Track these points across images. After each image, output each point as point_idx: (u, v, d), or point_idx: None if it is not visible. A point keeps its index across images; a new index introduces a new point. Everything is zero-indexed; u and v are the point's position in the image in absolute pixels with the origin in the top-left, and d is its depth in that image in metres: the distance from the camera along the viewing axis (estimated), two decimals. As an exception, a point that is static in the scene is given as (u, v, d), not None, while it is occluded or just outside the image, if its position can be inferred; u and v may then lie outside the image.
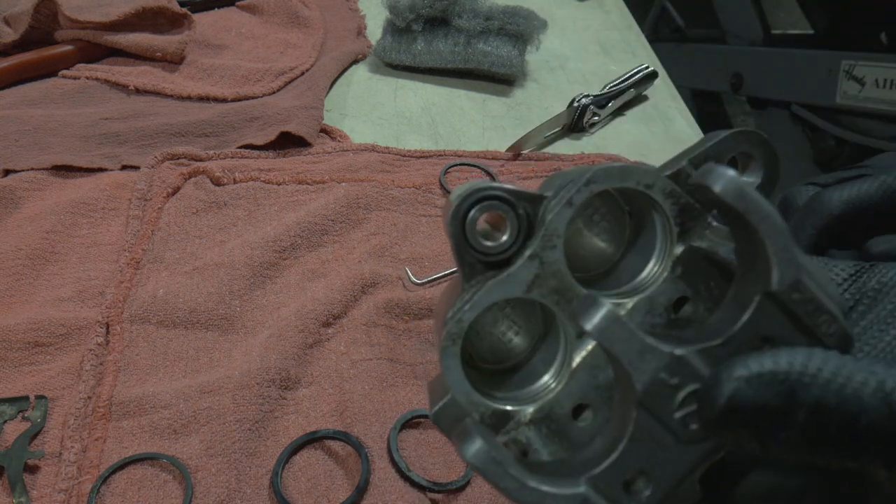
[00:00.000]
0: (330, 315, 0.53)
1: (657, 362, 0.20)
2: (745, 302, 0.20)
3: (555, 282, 0.24)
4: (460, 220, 0.23)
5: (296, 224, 0.59)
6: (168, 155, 0.66)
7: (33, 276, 0.55)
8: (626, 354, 0.20)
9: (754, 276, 0.20)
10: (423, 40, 0.82)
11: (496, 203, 0.23)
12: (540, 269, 0.23)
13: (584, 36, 0.98)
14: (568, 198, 0.23)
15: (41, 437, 0.44)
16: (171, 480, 0.43)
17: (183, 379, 0.49)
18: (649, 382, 0.20)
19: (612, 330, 0.20)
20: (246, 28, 0.88)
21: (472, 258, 0.24)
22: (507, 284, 0.23)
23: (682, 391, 0.20)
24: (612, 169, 0.23)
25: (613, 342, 0.20)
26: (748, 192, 0.20)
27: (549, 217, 0.23)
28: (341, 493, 0.43)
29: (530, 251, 0.23)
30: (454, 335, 0.23)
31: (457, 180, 0.68)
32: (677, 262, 0.25)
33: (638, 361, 0.20)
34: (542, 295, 0.24)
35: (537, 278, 0.24)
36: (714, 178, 0.20)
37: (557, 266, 0.24)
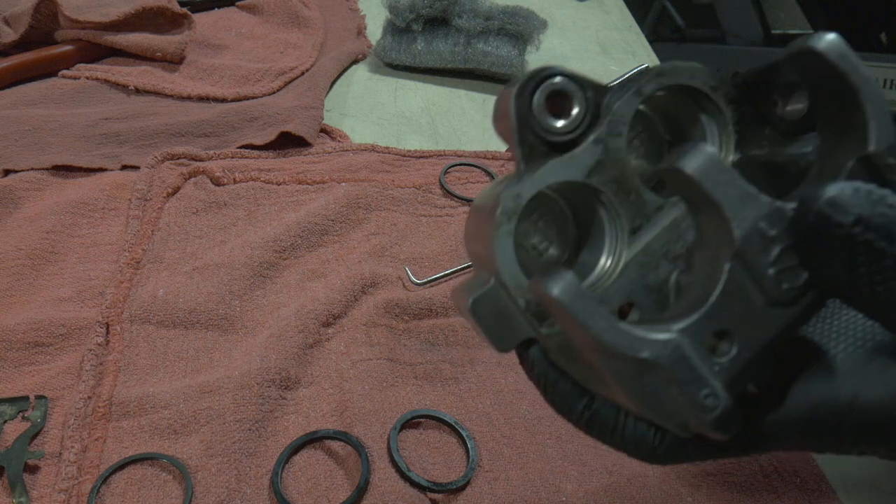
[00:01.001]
0: (330, 315, 0.53)
1: (758, 210, 0.19)
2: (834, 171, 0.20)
3: (616, 170, 0.23)
4: (528, 95, 0.22)
5: (296, 224, 0.59)
6: (168, 155, 0.66)
7: (33, 276, 0.55)
8: (728, 199, 0.19)
9: (846, 142, 0.20)
10: (423, 40, 0.82)
11: (566, 82, 0.22)
12: (603, 154, 0.23)
13: (584, 36, 0.98)
14: (637, 87, 0.23)
15: (41, 437, 0.44)
16: (171, 480, 0.43)
17: (183, 379, 0.49)
18: (749, 230, 0.19)
19: (714, 172, 0.19)
20: (246, 28, 0.88)
21: (534, 137, 0.23)
22: (569, 165, 0.23)
23: (778, 245, 0.20)
24: (681, 66, 0.23)
25: (715, 185, 0.19)
26: (851, 54, 0.19)
27: (617, 104, 0.22)
28: (341, 493, 0.43)
29: (595, 135, 0.23)
30: (510, 211, 0.22)
31: (457, 180, 0.68)
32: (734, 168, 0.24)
33: (739, 207, 0.19)
34: (601, 182, 0.23)
35: (599, 164, 0.23)
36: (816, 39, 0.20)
37: (621, 154, 0.23)
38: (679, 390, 0.20)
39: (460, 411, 0.48)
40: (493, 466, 0.45)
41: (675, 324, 0.20)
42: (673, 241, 0.23)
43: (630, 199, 0.23)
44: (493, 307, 0.22)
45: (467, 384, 0.50)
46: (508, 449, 0.46)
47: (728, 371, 0.20)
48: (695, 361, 0.20)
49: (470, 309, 0.23)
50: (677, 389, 0.20)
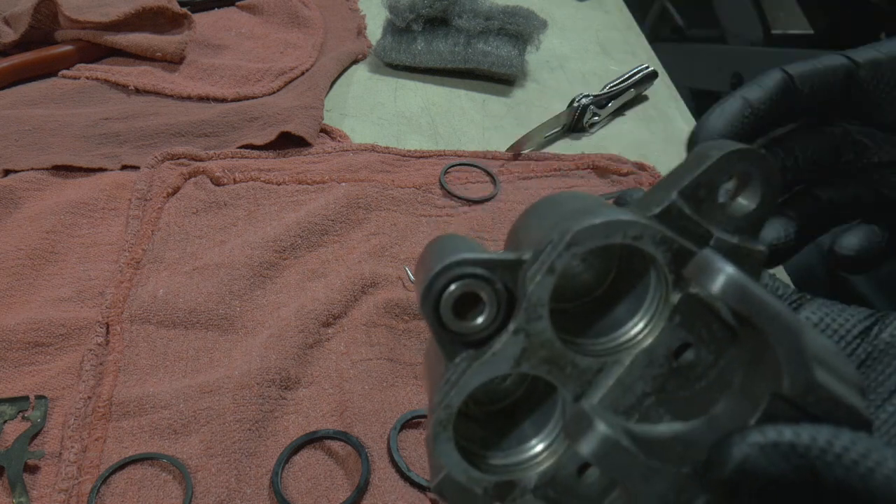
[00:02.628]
0: (330, 315, 0.53)
1: (663, 483, 0.19)
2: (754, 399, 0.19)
3: (545, 352, 0.22)
4: (433, 302, 0.21)
5: (296, 224, 0.59)
6: (168, 155, 0.66)
7: (33, 275, 0.55)
8: (631, 481, 0.19)
9: (763, 372, 0.19)
10: (423, 40, 0.82)
11: (471, 281, 0.21)
12: (527, 342, 0.22)
13: (584, 36, 0.98)
14: (549, 264, 0.21)
15: (41, 437, 0.44)
16: (171, 480, 0.43)
17: (183, 379, 0.49)
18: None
19: (612, 456, 0.19)
20: (246, 28, 0.88)
21: (449, 338, 0.22)
22: (492, 364, 0.22)
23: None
24: (594, 227, 0.21)
25: (615, 469, 0.19)
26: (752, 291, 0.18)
27: (531, 288, 0.21)
28: (341, 493, 0.43)
29: (514, 325, 0.22)
30: (444, 422, 0.22)
31: (457, 180, 0.68)
32: (675, 310, 0.23)
33: (643, 485, 0.19)
34: (532, 367, 0.22)
35: (525, 352, 0.22)
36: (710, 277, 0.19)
37: (546, 335, 0.22)
38: None
39: (460, 411, 0.48)
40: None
41: None
42: (621, 397, 0.23)
43: (566, 371, 0.23)
44: (455, 486, 0.23)
45: (467, 384, 0.50)
46: (508, 449, 0.46)
47: None
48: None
49: (435, 492, 0.23)
50: None
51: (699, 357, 0.23)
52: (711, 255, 0.20)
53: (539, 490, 0.23)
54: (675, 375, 0.23)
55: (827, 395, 0.18)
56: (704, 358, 0.23)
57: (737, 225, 0.23)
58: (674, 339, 0.23)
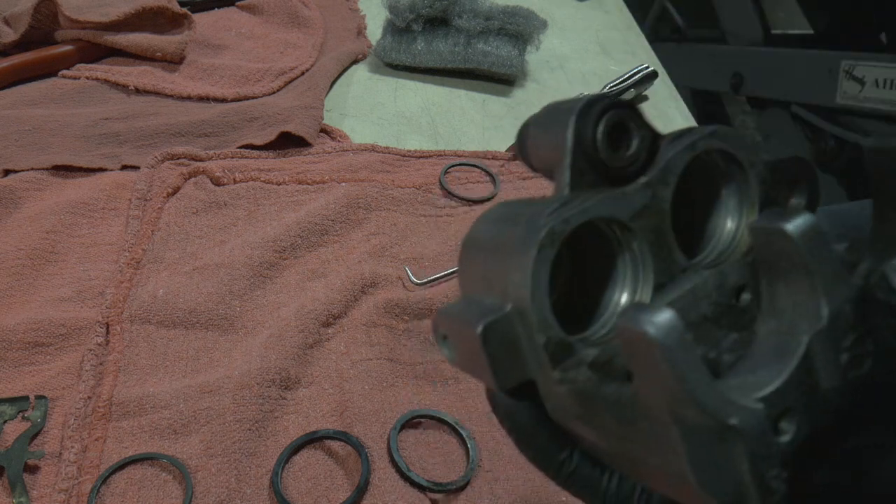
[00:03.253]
0: (330, 315, 0.53)
1: (847, 292, 0.19)
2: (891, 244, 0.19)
3: (658, 220, 0.22)
4: (593, 119, 0.21)
5: (296, 224, 0.59)
6: (168, 155, 0.66)
7: (33, 275, 0.55)
8: (823, 273, 0.19)
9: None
10: (423, 40, 0.82)
11: (631, 115, 0.22)
12: (650, 200, 0.22)
13: (584, 36, 0.98)
14: (692, 141, 0.22)
15: (41, 437, 0.44)
16: (171, 480, 0.43)
17: (183, 379, 0.49)
18: (836, 311, 0.19)
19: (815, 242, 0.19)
20: (246, 28, 0.88)
21: (586, 164, 0.22)
22: (618, 203, 0.22)
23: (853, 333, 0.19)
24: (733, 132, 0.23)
25: (814, 255, 0.19)
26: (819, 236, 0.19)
27: (671, 153, 0.22)
28: (341, 493, 0.43)
29: (646, 179, 0.22)
30: (555, 235, 0.20)
31: (457, 180, 0.68)
32: (750, 249, 0.23)
33: (832, 284, 0.19)
34: (641, 228, 0.22)
35: (645, 209, 0.22)
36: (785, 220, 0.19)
37: (665, 205, 0.22)
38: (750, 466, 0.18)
39: (460, 411, 0.48)
40: (493, 466, 0.45)
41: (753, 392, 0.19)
42: (689, 308, 0.22)
43: (662, 254, 0.23)
44: (503, 338, 0.20)
45: (467, 384, 0.50)
46: (508, 449, 0.46)
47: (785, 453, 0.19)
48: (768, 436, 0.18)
49: (480, 336, 0.20)
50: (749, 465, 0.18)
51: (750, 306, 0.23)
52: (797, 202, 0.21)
53: (595, 365, 0.21)
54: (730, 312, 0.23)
55: None
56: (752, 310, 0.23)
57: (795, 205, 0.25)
58: (742, 275, 0.23)
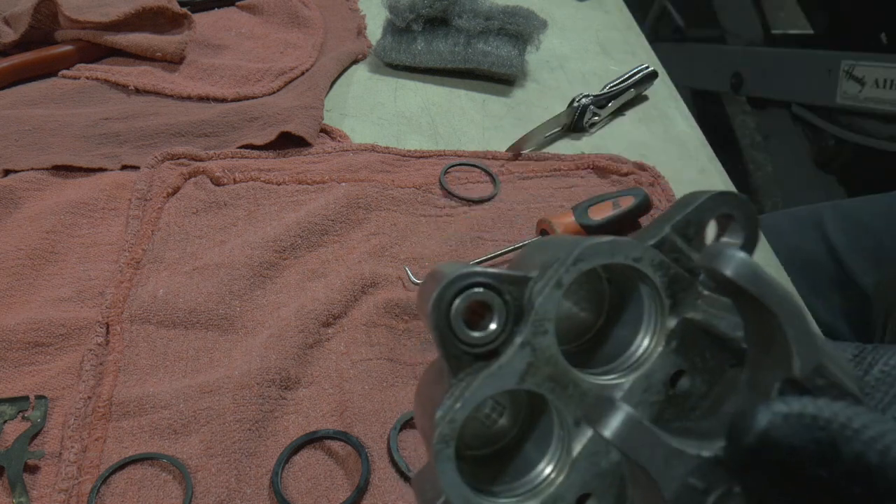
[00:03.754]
0: (330, 315, 0.53)
1: (685, 467, 0.19)
2: (763, 389, 0.19)
3: (549, 369, 0.22)
4: (444, 311, 0.21)
5: (296, 224, 0.59)
6: (168, 155, 0.66)
7: (33, 275, 0.55)
8: (653, 462, 0.19)
9: (772, 360, 0.19)
10: (423, 40, 0.82)
11: (480, 291, 0.22)
12: (532, 356, 0.22)
13: (584, 36, 0.98)
14: (556, 279, 0.22)
15: (41, 437, 0.44)
16: (171, 480, 0.43)
17: (183, 379, 0.49)
18: (679, 490, 0.19)
19: (635, 436, 0.19)
20: (246, 28, 0.88)
21: (458, 350, 0.22)
22: (499, 377, 0.22)
23: (713, 495, 0.19)
24: (599, 245, 0.22)
25: (638, 450, 0.19)
26: (762, 274, 0.19)
27: (538, 301, 0.22)
28: (341, 493, 0.43)
29: (521, 338, 0.22)
30: (447, 437, 0.22)
31: (457, 180, 0.68)
32: (671, 335, 0.24)
33: (665, 468, 0.19)
34: (536, 384, 0.22)
35: (531, 367, 0.22)
36: (724, 260, 0.19)
37: (551, 352, 0.22)
38: None
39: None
40: (493, 466, 0.45)
41: None
42: None
43: (568, 392, 0.23)
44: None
45: (467, 384, 0.50)
46: (508, 449, 0.46)
47: None
48: None
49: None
50: None
51: (693, 385, 0.23)
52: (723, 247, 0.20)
53: None
54: (671, 404, 0.24)
55: (834, 379, 0.18)
56: (698, 387, 0.23)
57: None
58: (669, 365, 0.24)
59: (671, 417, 0.23)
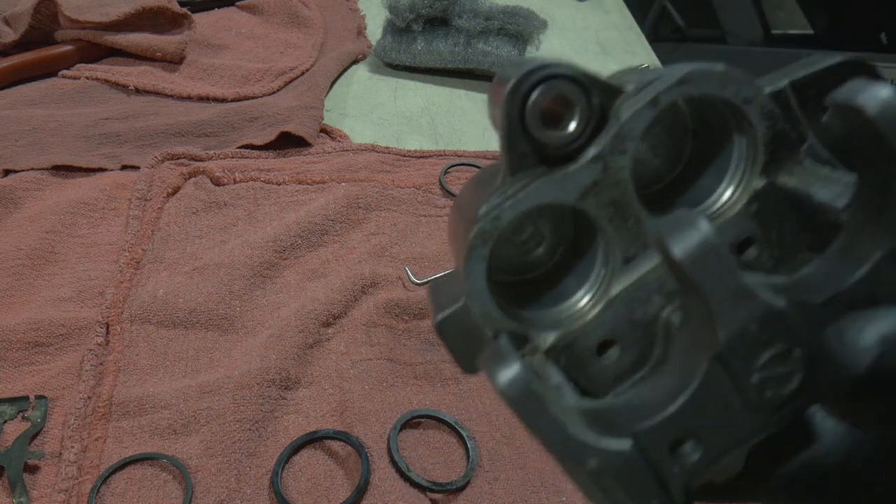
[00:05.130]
0: (330, 315, 0.53)
1: (750, 311, 0.17)
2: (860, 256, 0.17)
3: (615, 192, 0.20)
4: (520, 98, 0.19)
5: (296, 224, 0.59)
6: (168, 155, 0.66)
7: (33, 276, 0.55)
8: (718, 294, 0.17)
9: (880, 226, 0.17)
10: (423, 40, 0.82)
11: (567, 84, 0.19)
12: (602, 174, 0.20)
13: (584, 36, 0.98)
14: (654, 95, 0.19)
15: (41, 437, 0.44)
16: (171, 480, 0.43)
17: (183, 379, 0.49)
18: (735, 333, 0.17)
19: (707, 261, 0.17)
20: (246, 28, 0.88)
21: (525, 147, 0.19)
22: (560, 185, 0.20)
23: (769, 351, 0.17)
24: (711, 72, 0.19)
25: (705, 276, 0.17)
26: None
27: (627, 114, 0.19)
28: (341, 493, 0.43)
29: (595, 151, 0.19)
30: (486, 234, 0.19)
31: (457, 180, 0.68)
32: (755, 196, 0.21)
33: (729, 305, 0.17)
34: (596, 205, 0.20)
35: (596, 185, 0.20)
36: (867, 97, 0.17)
37: (623, 175, 0.20)
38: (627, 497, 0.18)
39: (460, 411, 0.48)
40: (493, 466, 0.45)
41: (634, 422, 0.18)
42: (669, 275, 0.21)
43: (627, 225, 0.21)
44: (461, 327, 0.20)
45: (467, 384, 0.50)
46: (508, 449, 0.46)
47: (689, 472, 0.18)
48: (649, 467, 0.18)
49: (436, 328, 0.20)
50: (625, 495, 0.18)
51: (760, 258, 0.21)
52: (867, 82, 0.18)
53: (552, 352, 0.21)
54: None
55: None
56: (764, 262, 0.21)
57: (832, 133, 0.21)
58: (742, 229, 0.21)
59: None
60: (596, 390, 0.22)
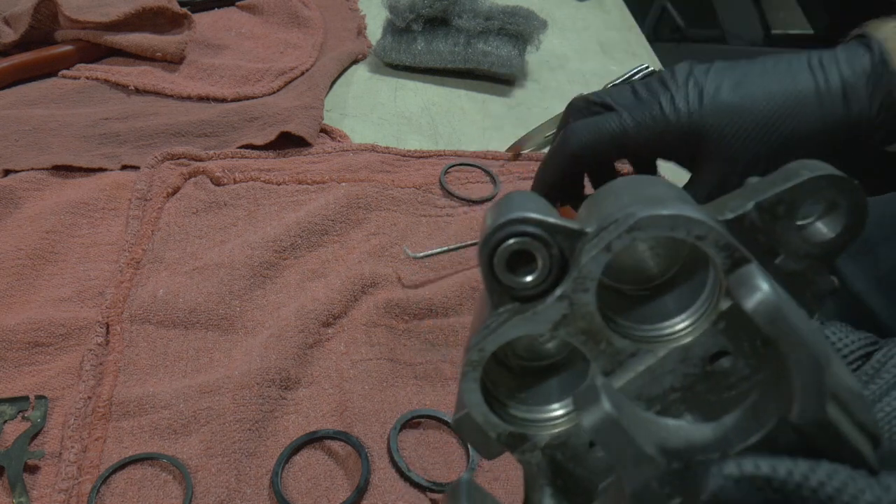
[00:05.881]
0: (330, 315, 0.53)
1: (651, 472, 0.19)
2: (762, 418, 0.19)
3: (584, 323, 0.23)
4: (489, 252, 0.22)
5: (296, 224, 0.59)
6: (168, 155, 0.66)
7: (33, 276, 0.55)
8: (620, 459, 0.19)
9: (777, 393, 0.19)
10: (423, 40, 0.82)
11: (528, 240, 0.22)
12: (569, 309, 0.22)
13: (584, 36, 0.98)
14: (607, 243, 0.21)
15: (41, 437, 0.44)
16: (171, 480, 0.43)
17: (183, 379, 0.49)
18: (640, 490, 0.19)
19: (608, 432, 0.19)
20: (246, 28, 0.88)
21: (498, 287, 0.23)
22: (532, 321, 0.23)
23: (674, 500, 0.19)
24: (660, 217, 0.21)
25: (608, 444, 0.19)
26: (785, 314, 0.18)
27: (584, 260, 0.22)
28: (341, 493, 0.43)
29: (561, 291, 0.22)
30: (475, 363, 0.23)
31: (457, 180, 0.68)
32: (721, 316, 0.23)
33: (631, 467, 0.19)
34: (568, 334, 0.23)
35: (565, 318, 0.23)
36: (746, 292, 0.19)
37: (588, 309, 0.22)
38: None
39: (460, 411, 0.48)
40: (493, 466, 0.45)
41: None
42: (648, 386, 0.23)
43: (600, 347, 0.23)
44: (473, 426, 0.24)
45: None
46: (508, 449, 0.46)
47: None
48: None
49: (454, 427, 0.24)
50: None
51: (735, 367, 0.23)
52: (755, 271, 0.19)
53: (548, 450, 0.24)
54: (706, 379, 0.23)
55: (834, 432, 0.18)
56: (740, 370, 0.23)
57: (808, 251, 0.23)
58: (713, 344, 0.23)
59: (704, 391, 0.23)
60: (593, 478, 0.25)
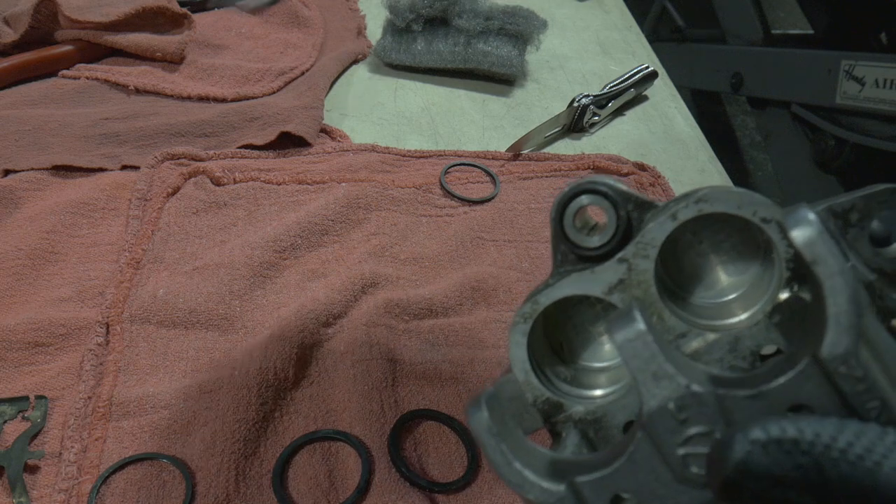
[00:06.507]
0: (330, 315, 0.53)
1: (669, 391, 0.19)
2: (793, 361, 0.19)
3: (639, 291, 0.23)
4: (560, 208, 0.23)
5: (296, 224, 0.59)
6: (168, 155, 0.66)
7: (33, 276, 0.55)
8: (641, 373, 0.19)
9: (811, 335, 0.19)
10: (423, 40, 0.82)
11: (599, 199, 0.23)
12: (627, 274, 0.23)
13: (584, 36, 0.98)
14: (673, 211, 0.22)
15: (41, 437, 0.44)
16: (171, 480, 0.43)
17: (183, 379, 0.49)
18: (656, 408, 0.19)
19: (634, 345, 0.19)
20: (246, 28, 0.88)
21: (566, 247, 0.23)
22: (588, 281, 0.23)
23: (691, 428, 0.19)
24: (730, 192, 0.21)
25: (632, 357, 0.19)
26: (821, 242, 0.18)
27: (650, 225, 0.22)
28: (341, 493, 0.43)
29: (622, 254, 0.23)
30: (526, 315, 0.23)
31: (457, 180, 0.68)
32: (777, 308, 0.23)
33: (651, 383, 0.19)
34: (622, 300, 0.23)
35: (621, 282, 0.23)
36: (794, 219, 0.19)
37: (645, 276, 0.23)
38: None
39: (460, 411, 0.48)
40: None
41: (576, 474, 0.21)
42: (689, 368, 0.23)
43: (652, 321, 0.23)
44: (511, 392, 0.24)
45: (467, 384, 0.50)
46: (508, 449, 0.46)
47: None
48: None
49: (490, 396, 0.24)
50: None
51: None
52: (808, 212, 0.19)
53: (581, 424, 0.24)
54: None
55: (862, 374, 0.18)
56: None
57: (879, 264, 0.22)
58: (764, 338, 0.23)
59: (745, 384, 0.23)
60: None
